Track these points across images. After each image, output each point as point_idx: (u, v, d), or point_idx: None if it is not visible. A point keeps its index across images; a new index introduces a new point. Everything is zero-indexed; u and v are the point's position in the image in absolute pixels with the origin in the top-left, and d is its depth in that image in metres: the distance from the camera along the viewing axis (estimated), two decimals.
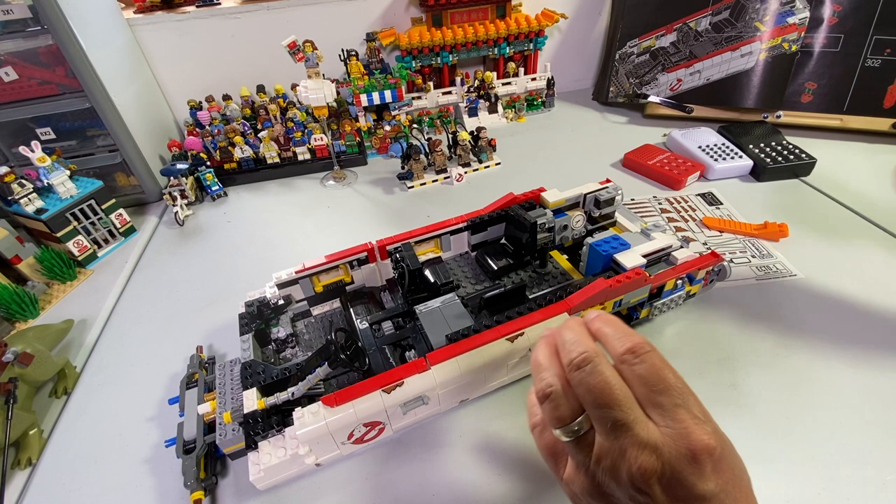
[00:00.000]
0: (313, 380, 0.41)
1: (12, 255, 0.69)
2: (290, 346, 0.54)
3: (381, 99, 0.92)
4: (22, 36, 0.70)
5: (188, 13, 0.93)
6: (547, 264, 0.60)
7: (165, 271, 0.73)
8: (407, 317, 0.54)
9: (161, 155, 0.92)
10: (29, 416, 0.50)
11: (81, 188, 0.74)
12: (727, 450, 0.26)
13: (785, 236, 0.68)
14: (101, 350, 0.61)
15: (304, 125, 0.93)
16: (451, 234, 0.61)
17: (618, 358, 0.28)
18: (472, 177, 0.90)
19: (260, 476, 0.41)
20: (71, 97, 0.76)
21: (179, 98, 1.00)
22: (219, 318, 0.63)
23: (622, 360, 0.27)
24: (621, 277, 0.48)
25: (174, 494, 0.44)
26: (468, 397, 0.47)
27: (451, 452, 0.46)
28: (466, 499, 0.42)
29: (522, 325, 0.45)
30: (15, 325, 0.65)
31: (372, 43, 0.91)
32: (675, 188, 0.81)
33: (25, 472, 0.48)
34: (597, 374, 0.27)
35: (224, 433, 0.42)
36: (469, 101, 1.05)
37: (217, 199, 0.89)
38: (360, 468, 0.45)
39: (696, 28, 0.97)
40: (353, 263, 0.57)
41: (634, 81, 1.05)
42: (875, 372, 0.50)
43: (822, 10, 0.88)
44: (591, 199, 0.61)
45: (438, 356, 0.43)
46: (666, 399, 0.26)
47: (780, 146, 0.84)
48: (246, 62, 1.00)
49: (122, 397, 0.55)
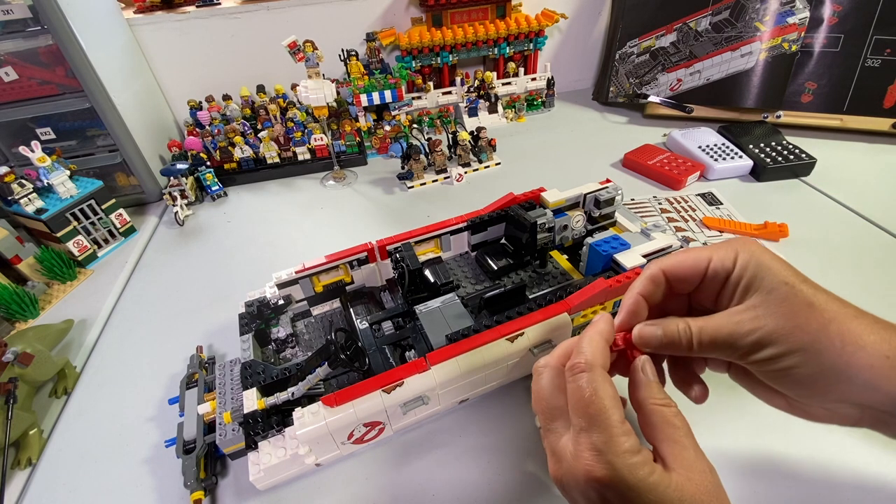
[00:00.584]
0: (313, 380, 0.41)
1: (12, 255, 0.69)
2: (290, 346, 0.54)
3: (381, 99, 0.92)
4: (22, 36, 0.70)
5: (188, 13, 0.93)
6: (547, 264, 0.60)
7: (165, 271, 0.73)
8: (407, 317, 0.54)
9: (161, 155, 0.92)
10: (29, 416, 0.50)
11: (81, 188, 0.74)
12: (625, 488, 0.26)
13: (785, 236, 0.68)
14: (101, 350, 0.61)
15: (304, 125, 0.93)
16: (451, 234, 0.61)
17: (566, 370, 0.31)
18: (472, 177, 0.90)
19: (260, 476, 0.41)
20: (71, 97, 0.76)
21: (179, 98, 1.00)
22: (219, 318, 0.63)
23: (566, 374, 0.31)
24: (621, 277, 0.48)
25: (174, 494, 0.44)
26: (468, 397, 0.47)
27: (451, 452, 0.46)
28: (466, 499, 0.42)
29: (522, 325, 0.45)
30: (15, 325, 0.65)
31: (372, 43, 0.91)
32: (675, 188, 0.81)
33: (25, 472, 0.48)
34: (569, 382, 0.30)
35: (224, 433, 0.42)
36: (469, 101, 1.05)
37: (217, 199, 0.89)
38: (360, 468, 0.45)
39: (696, 28, 0.97)
40: (353, 263, 0.57)
41: (634, 81, 1.05)
42: None
43: (822, 10, 0.88)
44: (591, 199, 0.61)
45: (438, 356, 0.43)
46: (575, 421, 0.29)
47: (780, 146, 0.84)
48: (246, 62, 1.00)
49: (122, 397, 0.55)
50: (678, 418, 0.29)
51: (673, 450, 0.28)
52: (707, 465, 0.28)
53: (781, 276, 0.30)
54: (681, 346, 0.31)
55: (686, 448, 0.28)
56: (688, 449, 0.28)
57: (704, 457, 0.29)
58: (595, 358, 0.30)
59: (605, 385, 0.29)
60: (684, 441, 0.28)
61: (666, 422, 0.29)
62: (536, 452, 0.45)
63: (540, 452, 0.45)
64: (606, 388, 0.29)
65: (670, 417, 0.29)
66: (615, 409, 0.28)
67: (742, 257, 0.31)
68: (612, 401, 0.28)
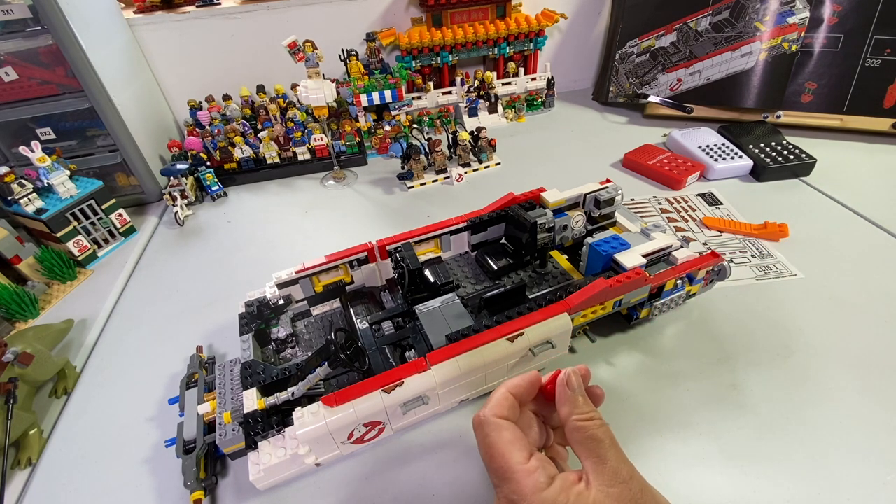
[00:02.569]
0: (313, 380, 0.41)
1: (12, 255, 0.69)
2: (290, 346, 0.54)
3: (381, 99, 0.92)
4: (22, 36, 0.70)
5: (188, 13, 0.93)
6: (547, 264, 0.60)
7: (165, 271, 0.73)
8: (407, 317, 0.54)
9: (161, 155, 0.92)
10: (29, 416, 0.50)
11: (81, 188, 0.74)
12: None
13: (785, 236, 0.68)
14: (101, 350, 0.61)
15: (304, 125, 0.93)
16: (451, 234, 0.61)
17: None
18: (472, 177, 0.90)
19: (260, 476, 0.41)
20: (71, 97, 0.76)
21: (179, 98, 1.00)
22: (219, 318, 0.63)
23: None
24: (621, 277, 0.48)
25: (174, 494, 0.44)
26: (468, 397, 0.47)
27: (451, 452, 0.46)
28: (466, 499, 0.42)
29: (522, 325, 0.45)
30: (15, 325, 0.65)
31: (372, 43, 0.91)
32: (675, 188, 0.81)
33: (25, 472, 0.48)
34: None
35: (224, 433, 0.42)
36: (469, 101, 1.05)
37: (217, 199, 0.89)
38: (360, 468, 0.45)
39: (696, 28, 0.97)
40: (353, 263, 0.57)
41: (634, 81, 1.05)
42: (875, 372, 0.50)
43: (822, 10, 0.88)
44: (591, 199, 0.61)
45: (438, 356, 0.43)
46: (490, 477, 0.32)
47: (780, 146, 0.84)
48: (246, 62, 1.00)
49: (122, 397, 0.55)
50: (601, 430, 0.31)
51: (594, 465, 0.29)
52: (626, 475, 0.29)
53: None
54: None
55: (606, 461, 0.29)
56: (608, 462, 0.29)
57: (626, 465, 0.30)
58: (488, 410, 0.32)
59: (499, 432, 0.31)
60: (606, 454, 0.30)
61: (589, 437, 0.30)
62: None
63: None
64: (501, 433, 0.31)
65: (593, 431, 0.31)
66: (514, 452, 0.30)
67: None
68: (509, 445, 0.30)
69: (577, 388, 0.33)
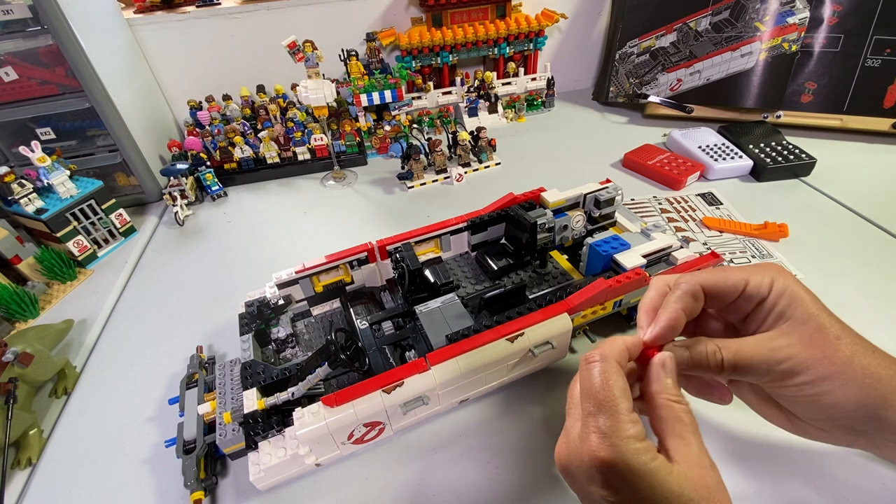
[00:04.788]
0: (313, 380, 0.41)
1: (12, 255, 0.69)
2: (290, 346, 0.54)
3: (381, 99, 0.92)
4: (22, 36, 0.70)
5: (188, 13, 0.93)
6: (547, 264, 0.60)
7: (165, 271, 0.73)
8: (407, 317, 0.54)
9: (161, 155, 0.92)
10: (29, 416, 0.50)
11: (81, 188, 0.74)
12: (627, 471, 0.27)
13: (785, 236, 0.68)
14: (101, 350, 0.61)
15: (304, 125, 0.93)
16: (451, 234, 0.61)
17: None
18: (472, 177, 0.90)
19: (260, 476, 0.41)
20: (71, 97, 0.75)
21: (179, 98, 1.00)
22: (219, 318, 0.63)
23: (580, 363, 0.32)
24: (621, 277, 0.48)
25: (174, 494, 0.44)
26: (468, 397, 0.47)
27: (451, 452, 0.46)
28: (466, 499, 0.42)
29: (522, 325, 0.45)
30: (15, 325, 0.65)
31: (372, 43, 0.91)
32: (675, 188, 0.81)
33: (25, 472, 0.48)
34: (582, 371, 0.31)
35: (224, 433, 0.42)
36: (469, 101, 1.05)
37: (217, 199, 0.89)
38: (360, 468, 0.45)
39: (696, 28, 0.97)
40: (353, 263, 0.57)
41: (634, 81, 1.05)
42: None
43: (822, 10, 0.88)
44: (591, 199, 0.61)
45: (438, 356, 0.43)
46: (584, 405, 0.30)
47: (780, 146, 0.84)
48: (246, 62, 1.00)
49: (122, 397, 0.55)
50: (688, 416, 0.30)
51: (678, 444, 0.29)
52: (709, 463, 0.29)
53: (812, 309, 0.32)
54: (708, 368, 0.32)
55: (690, 444, 0.29)
56: (692, 445, 0.29)
57: (708, 455, 0.29)
58: (610, 352, 0.31)
59: (616, 376, 0.30)
60: (690, 438, 0.29)
61: (675, 417, 0.30)
62: (536, 452, 0.45)
63: (540, 452, 0.45)
64: (617, 379, 0.30)
65: (680, 413, 0.30)
66: (623, 399, 0.29)
67: (777, 285, 0.33)
68: (622, 391, 0.29)
69: (671, 372, 0.32)
